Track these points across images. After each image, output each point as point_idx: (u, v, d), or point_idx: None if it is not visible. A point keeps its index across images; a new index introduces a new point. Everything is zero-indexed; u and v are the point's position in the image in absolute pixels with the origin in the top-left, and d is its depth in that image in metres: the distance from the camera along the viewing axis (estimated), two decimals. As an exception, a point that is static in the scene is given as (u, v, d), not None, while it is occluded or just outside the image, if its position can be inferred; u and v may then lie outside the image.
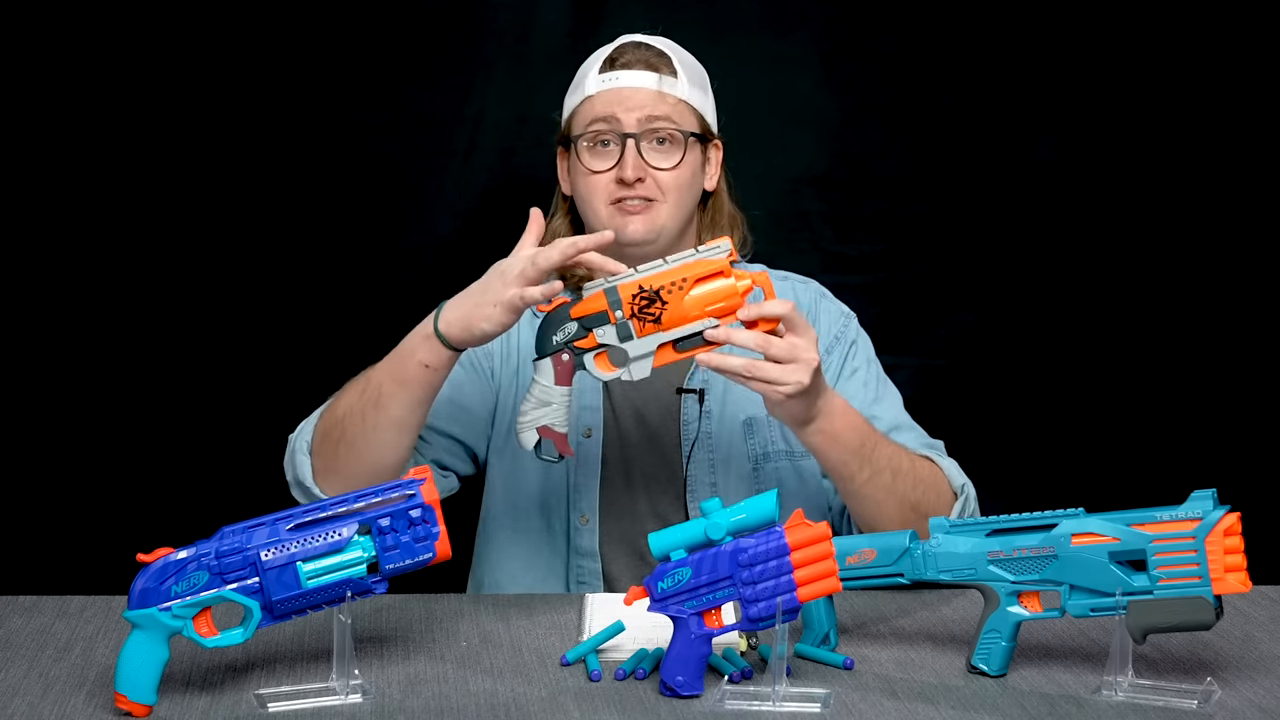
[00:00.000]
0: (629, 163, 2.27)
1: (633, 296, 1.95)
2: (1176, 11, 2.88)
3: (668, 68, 2.32)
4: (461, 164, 2.86)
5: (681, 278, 1.95)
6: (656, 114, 2.29)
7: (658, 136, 2.29)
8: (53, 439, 2.87)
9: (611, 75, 2.31)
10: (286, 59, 2.81)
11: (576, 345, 1.98)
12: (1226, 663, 1.93)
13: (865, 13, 2.86)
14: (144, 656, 1.77)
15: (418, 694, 1.82)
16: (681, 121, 2.31)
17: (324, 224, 2.86)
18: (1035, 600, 1.87)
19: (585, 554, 2.34)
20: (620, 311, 1.95)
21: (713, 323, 1.96)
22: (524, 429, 2.01)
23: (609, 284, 1.96)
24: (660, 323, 1.95)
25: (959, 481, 2.23)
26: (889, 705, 1.80)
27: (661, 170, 2.28)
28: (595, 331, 1.97)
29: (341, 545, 1.78)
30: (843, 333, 2.39)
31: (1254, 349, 2.96)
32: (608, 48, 2.37)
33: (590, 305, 1.96)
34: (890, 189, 2.91)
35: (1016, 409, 2.97)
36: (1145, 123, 2.91)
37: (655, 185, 2.28)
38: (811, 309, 2.39)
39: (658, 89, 2.30)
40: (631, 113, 2.28)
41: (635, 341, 1.96)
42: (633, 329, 1.96)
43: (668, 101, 2.30)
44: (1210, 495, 1.80)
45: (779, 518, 1.80)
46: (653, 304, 1.95)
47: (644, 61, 2.32)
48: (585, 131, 2.30)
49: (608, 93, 2.30)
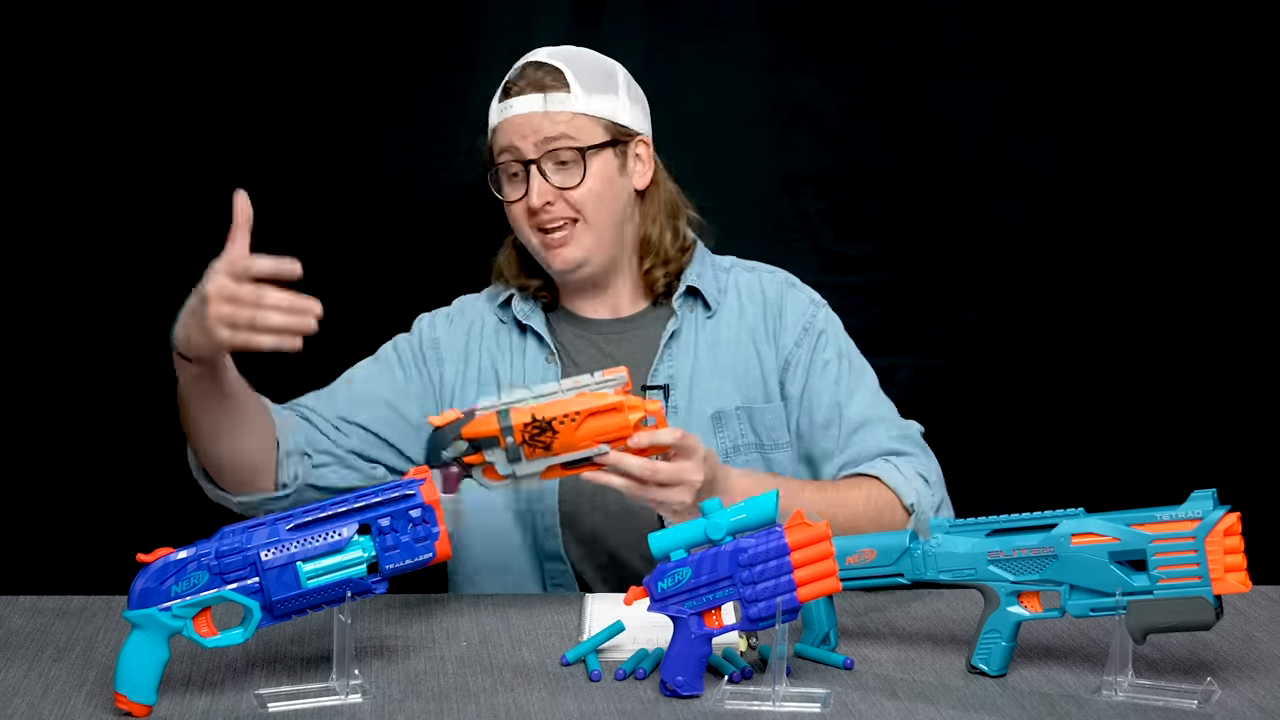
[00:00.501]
0: (533, 191, 2.28)
1: (524, 425, 1.96)
2: (1176, 11, 2.87)
3: (558, 84, 2.30)
4: (462, 164, 2.86)
5: (575, 410, 1.96)
6: (551, 135, 2.28)
7: (557, 159, 2.29)
8: (53, 439, 2.87)
9: (506, 104, 2.32)
10: (286, 59, 2.81)
11: (466, 461, 1.99)
12: (1226, 663, 1.93)
13: (865, 13, 2.86)
14: (144, 656, 1.77)
15: (418, 694, 1.82)
16: (579, 136, 2.29)
17: (324, 224, 2.86)
18: (1035, 600, 1.87)
19: (552, 557, 2.34)
20: (511, 438, 1.96)
21: (603, 449, 1.97)
22: None
23: (503, 406, 1.97)
24: (550, 450, 1.97)
25: (909, 499, 2.23)
26: (889, 705, 1.80)
27: (567, 190, 2.29)
28: (485, 452, 1.98)
29: (341, 545, 1.78)
30: (810, 323, 2.38)
31: (1254, 349, 2.96)
32: (512, 71, 2.37)
33: (481, 427, 1.97)
34: (890, 189, 2.91)
35: (1016, 409, 2.97)
36: (1145, 123, 2.90)
37: (568, 205, 2.29)
38: (778, 299, 2.39)
39: (544, 110, 2.29)
40: (527, 139, 2.29)
41: (523, 463, 1.98)
42: (522, 454, 1.97)
43: (559, 120, 2.29)
44: (1210, 495, 1.80)
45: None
46: (544, 433, 1.96)
47: (533, 84, 2.30)
48: (496, 166, 2.33)
49: (505, 123, 2.31)
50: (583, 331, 2.39)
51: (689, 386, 2.35)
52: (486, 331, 2.42)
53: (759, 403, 2.35)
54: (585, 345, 2.38)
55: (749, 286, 2.41)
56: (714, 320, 2.38)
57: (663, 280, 2.38)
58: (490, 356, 2.39)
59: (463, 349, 2.40)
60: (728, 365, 2.36)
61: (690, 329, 2.37)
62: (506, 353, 2.39)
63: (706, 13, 2.85)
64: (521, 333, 2.40)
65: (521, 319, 2.39)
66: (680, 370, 2.34)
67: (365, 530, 1.79)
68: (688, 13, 2.84)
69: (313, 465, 2.26)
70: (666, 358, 2.35)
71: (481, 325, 2.42)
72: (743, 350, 2.37)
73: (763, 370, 2.36)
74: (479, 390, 2.36)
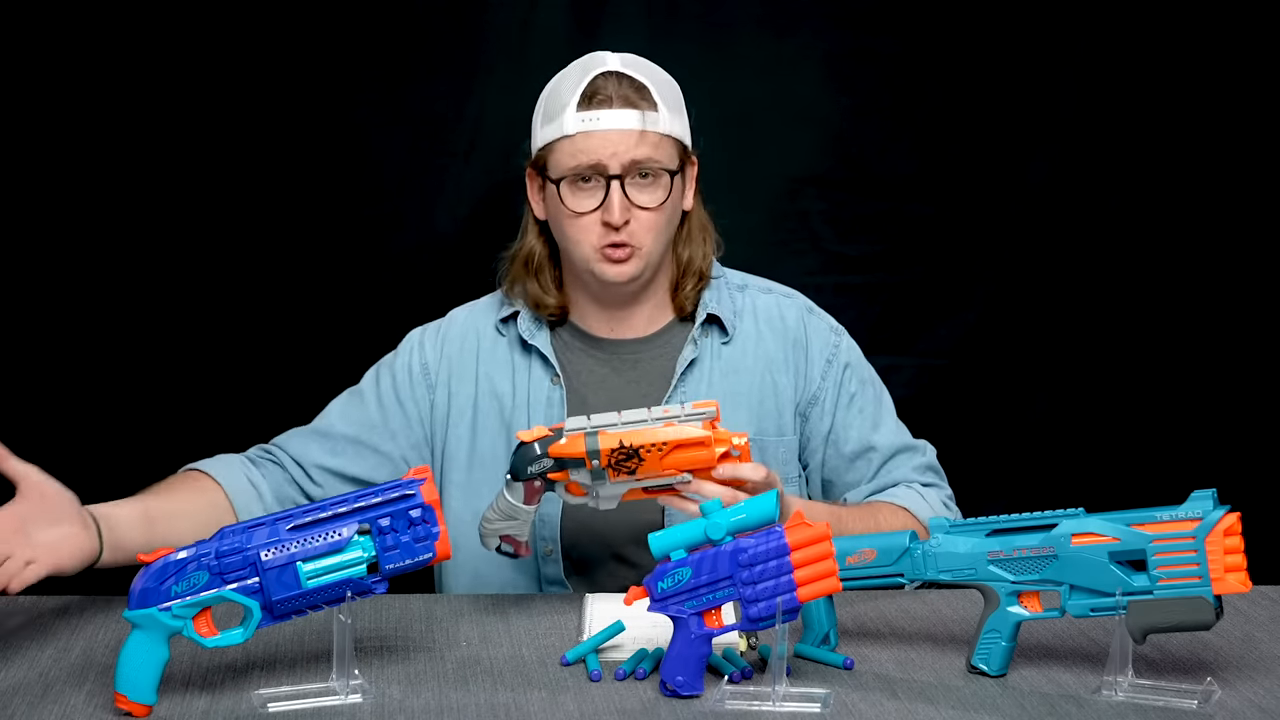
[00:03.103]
0: (615, 207, 2.19)
1: (611, 450, 1.97)
2: (1176, 11, 2.88)
3: (648, 102, 2.22)
4: (461, 164, 2.86)
5: (663, 440, 1.96)
6: (639, 156, 2.20)
7: (641, 172, 2.21)
8: (52, 439, 2.86)
9: (591, 115, 2.20)
10: (286, 59, 2.81)
11: (550, 477, 2.00)
12: (1226, 663, 1.93)
13: (866, 13, 2.87)
14: (144, 656, 1.77)
15: (418, 694, 1.82)
16: (664, 158, 2.22)
17: (324, 224, 2.86)
18: (1035, 600, 1.86)
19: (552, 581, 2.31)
20: (597, 461, 1.98)
21: (685, 478, 1.98)
22: (488, 535, 2.05)
23: (591, 429, 1.98)
24: (634, 475, 1.99)
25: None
26: (889, 705, 1.80)
27: (646, 210, 2.22)
28: (570, 471, 1.99)
29: (341, 545, 1.78)
30: (834, 355, 2.34)
31: (1254, 349, 2.96)
32: (581, 74, 2.24)
33: (569, 449, 1.98)
34: (890, 189, 2.91)
35: (1016, 408, 2.97)
36: (1145, 123, 2.91)
37: (639, 226, 2.22)
38: (799, 328, 2.35)
39: (640, 128, 2.21)
40: (615, 156, 2.20)
41: (607, 484, 1.99)
42: (606, 475, 1.99)
43: (650, 140, 2.21)
44: (1210, 495, 1.80)
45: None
46: (630, 459, 1.97)
47: (624, 98, 2.21)
48: (567, 174, 2.22)
49: (590, 135, 2.20)
50: (593, 351, 2.33)
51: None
52: (484, 348, 2.34)
53: (771, 435, 2.31)
54: (596, 367, 2.32)
55: (766, 311, 2.35)
56: (730, 347, 2.33)
57: (692, 301, 2.32)
58: (489, 379, 2.32)
59: (456, 369, 2.33)
60: (743, 395, 2.31)
61: (707, 355, 2.32)
62: (508, 372, 2.32)
63: (706, 13, 2.85)
64: (524, 351, 2.33)
65: (526, 338, 2.32)
66: (694, 395, 2.29)
67: (365, 530, 1.79)
68: (687, 13, 2.84)
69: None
70: (680, 385, 2.30)
71: (478, 341, 2.35)
72: (759, 379, 2.32)
73: (778, 401, 2.32)
74: (476, 414, 2.31)
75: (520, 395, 2.31)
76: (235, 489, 2.23)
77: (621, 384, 2.31)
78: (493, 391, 2.32)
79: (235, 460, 2.28)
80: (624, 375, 2.32)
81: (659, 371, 2.31)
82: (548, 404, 2.29)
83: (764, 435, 2.30)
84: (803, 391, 2.33)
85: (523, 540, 2.05)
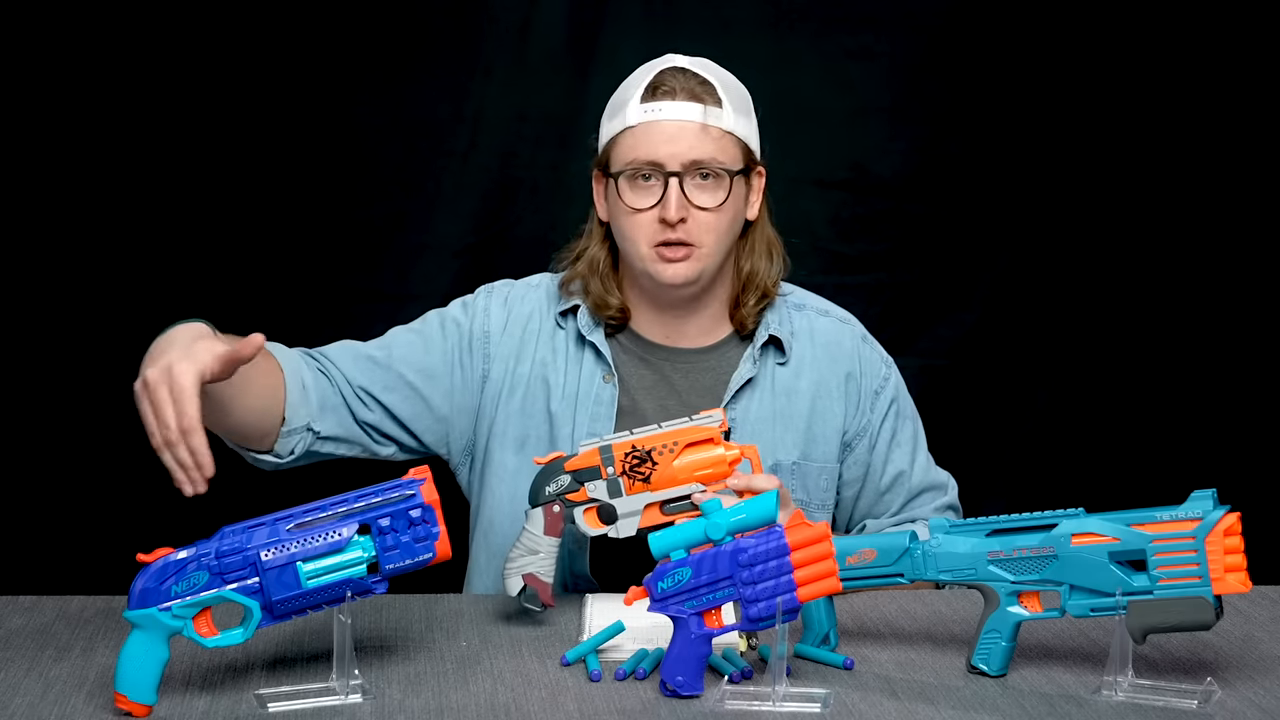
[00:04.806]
0: (672, 203, 2.16)
1: (625, 455, 2.02)
2: (1176, 12, 2.88)
3: (712, 98, 2.19)
4: (461, 164, 2.86)
5: (673, 441, 2.03)
6: (701, 154, 2.17)
7: (701, 172, 2.19)
8: (52, 439, 2.87)
9: (654, 105, 2.18)
10: (285, 59, 2.81)
11: (568, 498, 2.04)
12: (1226, 663, 1.93)
13: (865, 13, 2.87)
14: (144, 656, 1.77)
15: (418, 694, 1.82)
16: (726, 158, 2.19)
17: (323, 224, 2.86)
18: (1035, 600, 1.87)
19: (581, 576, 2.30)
20: (612, 468, 2.03)
21: (699, 488, 2.02)
22: (510, 574, 2.05)
23: (604, 442, 2.03)
24: (649, 482, 2.03)
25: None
26: (889, 705, 1.80)
27: (705, 210, 2.19)
28: (587, 485, 2.04)
29: (341, 545, 1.78)
30: (882, 388, 2.33)
31: (1254, 349, 2.96)
32: (648, 71, 2.22)
33: (584, 460, 2.03)
34: (890, 189, 2.91)
35: (1017, 408, 2.97)
36: (1145, 122, 2.91)
37: (696, 226, 2.19)
38: (854, 357, 2.33)
39: (702, 122, 2.18)
40: (675, 151, 2.17)
41: (624, 499, 2.03)
42: (622, 486, 2.03)
43: (712, 136, 2.18)
44: (1210, 495, 1.80)
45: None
46: (643, 463, 2.02)
47: (688, 91, 2.19)
48: (625, 168, 2.19)
49: (651, 125, 2.18)
50: (649, 356, 2.30)
51: (751, 434, 2.26)
52: (544, 333, 2.30)
53: (815, 460, 2.29)
54: (649, 372, 2.29)
55: (825, 335, 2.33)
56: (785, 368, 2.30)
57: (753, 319, 2.29)
58: (543, 364, 2.29)
59: (515, 348, 2.29)
60: (792, 418, 2.29)
61: (762, 375, 2.29)
62: (561, 362, 2.29)
63: (706, 13, 2.85)
64: (579, 345, 2.29)
65: (585, 333, 2.28)
66: (744, 414, 2.27)
67: (365, 530, 1.79)
68: (687, 13, 2.84)
69: (317, 436, 2.20)
70: (733, 403, 2.27)
71: (540, 324, 2.31)
72: (809, 404, 2.29)
73: (826, 429, 2.30)
74: (525, 397, 2.28)
75: (570, 388, 2.28)
76: (293, 385, 2.19)
77: (669, 392, 2.29)
78: (544, 380, 2.29)
79: (297, 356, 2.24)
80: (674, 384, 2.29)
81: (708, 385, 2.29)
82: (596, 401, 2.27)
83: (808, 461, 2.29)
84: (851, 422, 2.31)
85: (548, 583, 2.03)
